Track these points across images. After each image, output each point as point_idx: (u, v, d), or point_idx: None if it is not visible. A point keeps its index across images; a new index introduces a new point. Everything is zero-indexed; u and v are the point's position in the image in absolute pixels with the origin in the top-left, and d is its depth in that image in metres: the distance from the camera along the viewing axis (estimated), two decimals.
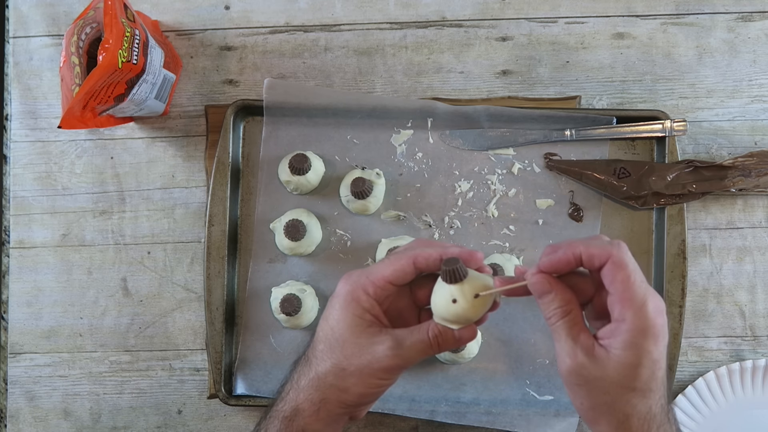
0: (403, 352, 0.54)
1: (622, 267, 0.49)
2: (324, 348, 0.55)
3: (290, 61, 0.77)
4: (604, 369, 0.50)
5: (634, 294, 0.49)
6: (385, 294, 0.55)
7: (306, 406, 0.55)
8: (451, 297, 0.53)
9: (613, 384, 0.50)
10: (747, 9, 0.76)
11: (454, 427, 0.73)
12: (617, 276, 0.49)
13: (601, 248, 0.50)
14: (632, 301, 0.49)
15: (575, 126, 0.73)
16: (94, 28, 0.66)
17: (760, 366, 0.72)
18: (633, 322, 0.49)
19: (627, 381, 0.50)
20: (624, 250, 0.50)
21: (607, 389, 0.51)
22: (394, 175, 0.74)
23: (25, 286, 0.76)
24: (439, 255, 0.54)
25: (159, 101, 0.73)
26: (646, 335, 0.49)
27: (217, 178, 0.73)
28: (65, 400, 0.76)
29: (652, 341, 0.49)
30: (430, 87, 0.76)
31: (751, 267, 0.74)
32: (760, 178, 0.72)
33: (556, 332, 0.52)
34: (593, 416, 0.53)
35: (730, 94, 0.75)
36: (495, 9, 0.77)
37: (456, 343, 0.55)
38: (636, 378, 0.50)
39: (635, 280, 0.49)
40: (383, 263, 0.56)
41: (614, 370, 0.50)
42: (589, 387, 0.51)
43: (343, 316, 0.55)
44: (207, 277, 0.73)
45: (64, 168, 0.77)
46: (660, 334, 0.49)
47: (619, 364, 0.50)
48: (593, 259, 0.50)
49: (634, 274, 0.49)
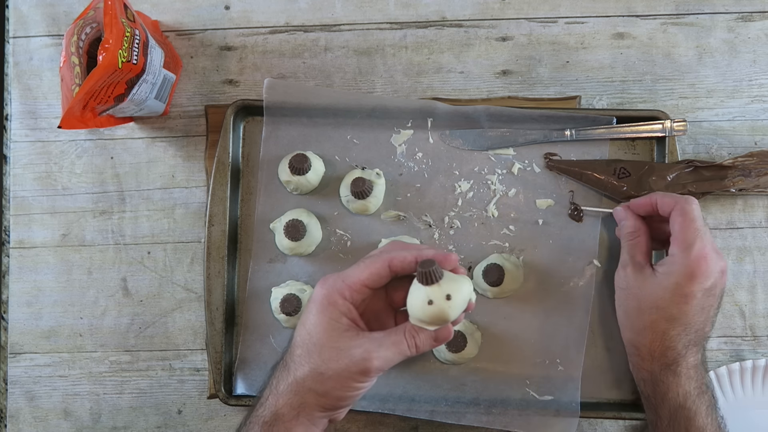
0: (380, 354, 0.54)
1: (684, 214, 0.60)
2: (302, 353, 0.56)
3: (290, 61, 0.77)
4: (643, 282, 0.62)
5: (685, 236, 0.60)
6: (362, 297, 0.56)
7: (285, 411, 0.55)
8: (426, 298, 0.53)
9: (644, 295, 0.62)
10: (747, 9, 0.76)
11: (454, 427, 0.73)
12: (677, 219, 0.61)
13: (673, 198, 0.62)
14: (682, 242, 0.60)
15: (575, 126, 0.73)
16: (94, 28, 0.66)
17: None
18: (677, 257, 0.60)
19: (654, 298, 0.61)
20: (690, 202, 0.61)
21: (639, 298, 0.62)
22: (394, 175, 0.74)
23: (25, 286, 0.76)
24: (414, 257, 0.55)
25: (159, 101, 0.73)
26: (684, 271, 0.59)
27: (217, 178, 0.73)
28: (65, 400, 0.76)
29: (687, 278, 0.59)
30: (430, 87, 0.76)
31: (751, 267, 0.74)
32: (760, 178, 0.72)
33: (622, 249, 0.66)
34: (623, 319, 0.65)
35: (730, 94, 0.75)
36: (495, 9, 0.77)
37: (433, 344, 0.56)
38: (662, 299, 0.60)
39: (690, 227, 0.60)
40: (359, 267, 0.56)
41: (650, 285, 0.61)
42: (627, 292, 0.64)
43: (320, 320, 0.55)
44: (207, 277, 0.73)
45: (64, 168, 0.77)
46: (697, 275, 0.59)
47: (654, 283, 0.61)
48: (665, 205, 0.62)
49: (692, 222, 0.60)
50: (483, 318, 0.72)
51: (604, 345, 0.72)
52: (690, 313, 0.60)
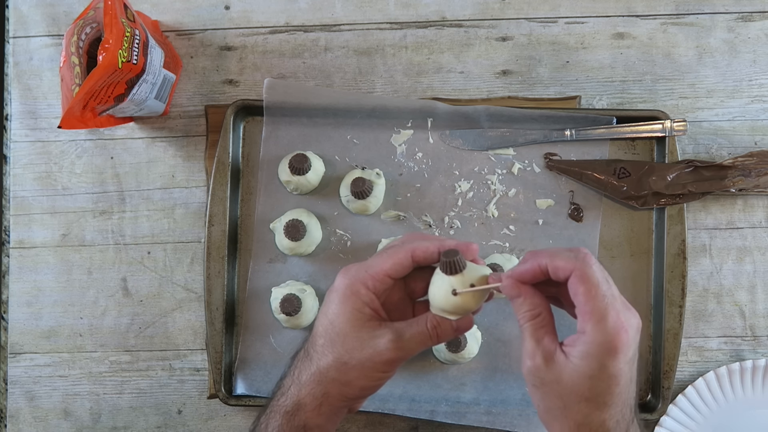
0: (403, 344, 0.54)
1: (584, 280, 0.50)
2: (324, 342, 0.56)
3: (290, 61, 0.77)
4: (560, 374, 0.51)
5: (593, 308, 0.49)
6: (384, 287, 0.56)
7: (308, 401, 0.56)
8: (450, 288, 0.53)
9: (567, 391, 0.51)
10: (747, 9, 0.76)
11: (454, 427, 0.73)
12: (579, 289, 0.50)
13: (565, 260, 0.51)
14: (591, 315, 0.49)
15: (575, 126, 0.73)
16: (94, 28, 0.66)
17: (760, 366, 0.72)
18: (591, 335, 0.49)
19: (580, 390, 0.51)
20: (588, 263, 0.50)
21: (561, 394, 0.51)
22: (394, 175, 0.74)
23: (25, 286, 0.76)
24: (436, 248, 0.55)
25: (159, 101, 0.73)
26: (604, 349, 0.49)
27: (217, 178, 0.73)
28: (65, 400, 0.76)
29: (609, 356, 0.49)
30: (430, 87, 0.76)
31: (751, 267, 0.74)
32: (760, 178, 0.72)
33: (523, 333, 0.53)
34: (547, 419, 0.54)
35: (730, 94, 0.75)
36: (495, 9, 0.77)
37: (454, 334, 0.56)
38: (589, 389, 0.50)
39: (597, 294, 0.50)
40: (381, 257, 0.56)
41: (569, 377, 0.51)
42: (545, 390, 0.52)
43: (343, 310, 0.55)
44: (207, 277, 0.73)
45: (64, 168, 0.77)
46: (619, 350, 0.49)
47: (574, 373, 0.50)
48: (558, 271, 0.51)
49: (596, 288, 0.50)
50: (483, 318, 0.72)
51: None
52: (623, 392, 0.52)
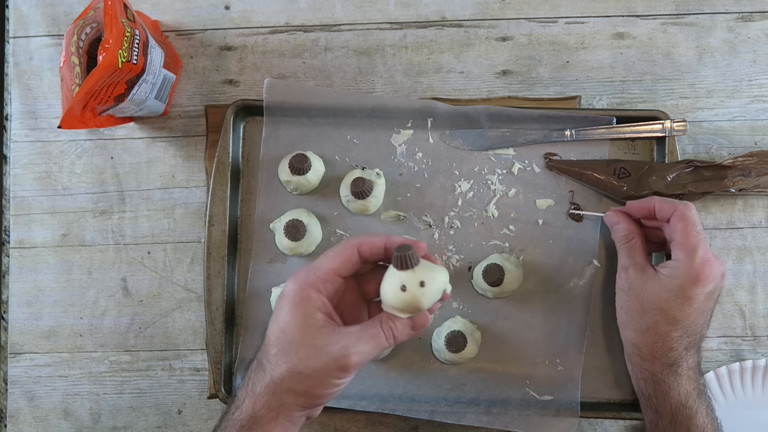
0: (359, 349, 0.54)
1: (683, 219, 0.61)
2: (277, 352, 0.55)
3: (290, 61, 0.77)
4: (646, 283, 0.62)
5: (688, 241, 0.60)
6: (335, 288, 0.56)
7: (264, 413, 0.55)
8: (400, 284, 0.53)
9: (648, 297, 0.62)
10: (747, 9, 0.76)
11: (454, 427, 0.73)
12: (678, 225, 0.61)
13: (671, 203, 0.63)
14: (685, 246, 0.61)
15: (575, 126, 0.73)
16: (94, 28, 0.66)
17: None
18: (682, 261, 0.61)
19: (658, 300, 0.61)
20: (689, 207, 0.62)
21: (642, 299, 0.62)
22: (394, 175, 0.74)
23: (25, 286, 0.76)
24: (383, 242, 0.56)
25: (159, 101, 0.73)
26: (689, 274, 0.60)
27: (217, 178, 0.73)
28: (65, 400, 0.76)
29: (691, 281, 0.60)
30: (430, 87, 0.76)
31: (751, 267, 0.74)
32: (760, 178, 0.72)
33: (620, 253, 0.66)
34: (626, 320, 0.65)
35: (730, 94, 0.75)
36: (495, 9, 0.77)
37: (411, 333, 0.55)
38: (666, 300, 0.61)
39: (692, 231, 0.61)
40: (327, 256, 0.56)
41: (653, 287, 0.62)
42: (630, 293, 0.64)
43: (294, 317, 0.54)
44: (207, 277, 0.73)
45: (64, 168, 0.77)
46: (701, 279, 0.60)
47: (658, 284, 0.62)
48: (663, 211, 0.63)
49: (693, 226, 0.61)
50: (483, 318, 0.73)
51: (604, 345, 0.72)
52: (692, 316, 0.61)
